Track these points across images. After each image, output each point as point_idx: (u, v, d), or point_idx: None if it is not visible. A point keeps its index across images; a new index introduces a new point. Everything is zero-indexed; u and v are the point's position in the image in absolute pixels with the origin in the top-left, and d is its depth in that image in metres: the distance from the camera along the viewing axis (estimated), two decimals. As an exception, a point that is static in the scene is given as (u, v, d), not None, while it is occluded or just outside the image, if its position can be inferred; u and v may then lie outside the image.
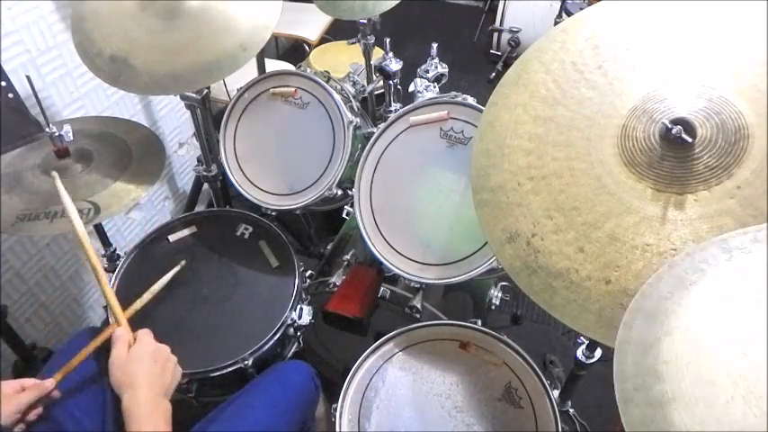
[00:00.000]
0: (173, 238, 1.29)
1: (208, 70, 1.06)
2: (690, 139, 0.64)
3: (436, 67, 1.29)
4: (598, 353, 1.09)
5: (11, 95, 0.95)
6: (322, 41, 2.40)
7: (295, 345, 1.22)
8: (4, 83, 0.94)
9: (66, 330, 1.62)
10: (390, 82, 1.43)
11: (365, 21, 1.57)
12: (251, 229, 1.31)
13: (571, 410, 1.31)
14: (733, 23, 0.69)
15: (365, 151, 1.17)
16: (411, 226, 1.13)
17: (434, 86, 1.28)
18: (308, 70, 1.29)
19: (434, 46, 1.31)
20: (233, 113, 1.33)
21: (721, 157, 0.64)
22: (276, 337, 1.11)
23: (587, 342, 1.09)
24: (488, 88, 1.74)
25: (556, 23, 2.25)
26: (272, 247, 1.26)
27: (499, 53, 2.97)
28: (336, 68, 1.64)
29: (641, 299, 0.57)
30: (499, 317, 1.78)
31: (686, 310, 0.52)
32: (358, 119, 1.28)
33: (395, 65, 1.40)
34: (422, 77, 1.29)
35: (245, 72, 1.22)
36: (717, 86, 0.66)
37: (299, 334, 1.20)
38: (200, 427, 0.96)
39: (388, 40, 1.38)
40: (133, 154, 1.16)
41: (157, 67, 1.06)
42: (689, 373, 0.48)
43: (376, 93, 1.69)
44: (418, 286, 1.15)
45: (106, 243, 1.30)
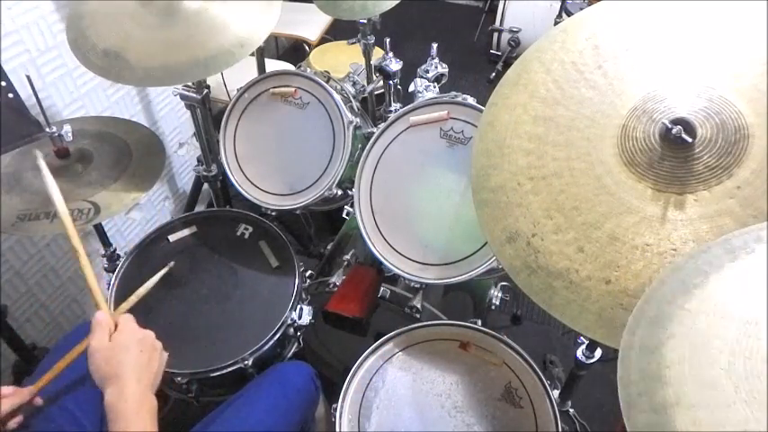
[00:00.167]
0: (173, 238, 1.29)
1: (203, 64, 1.06)
2: (690, 139, 0.64)
3: (436, 67, 1.29)
4: (598, 353, 1.09)
5: (11, 95, 0.95)
6: (322, 41, 2.40)
7: (295, 345, 1.22)
8: (4, 83, 0.94)
9: (66, 330, 1.61)
10: (390, 82, 1.43)
11: (365, 21, 1.57)
12: (251, 229, 1.31)
13: (571, 410, 1.31)
14: (733, 23, 0.69)
15: (365, 151, 1.17)
16: (411, 226, 1.13)
17: (434, 86, 1.28)
18: (308, 70, 1.29)
19: (434, 46, 1.31)
20: (233, 113, 1.33)
21: (721, 157, 0.64)
22: (276, 337, 1.11)
23: (587, 342, 1.09)
24: (488, 88, 1.74)
25: (556, 23, 2.25)
26: (272, 247, 1.26)
27: (499, 53, 2.97)
28: (336, 68, 1.64)
29: (644, 304, 0.56)
30: (499, 317, 1.78)
31: (689, 313, 0.52)
32: (358, 119, 1.28)
33: (395, 65, 1.40)
34: (422, 77, 1.29)
35: (245, 72, 1.22)
36: (717, 86, 0.66)
37: (299, 334, 1.20)
38: (200, 427, 0.96)
39: (388, 40, 1.38)
40: (133, 154, 1.16)
41: (152, 61, 1.05)
42: (691, 377, 0.48)
43: (376, 93, 1.69)
44: (418, 286, 1.15)
45: (106, 243, 1.30)
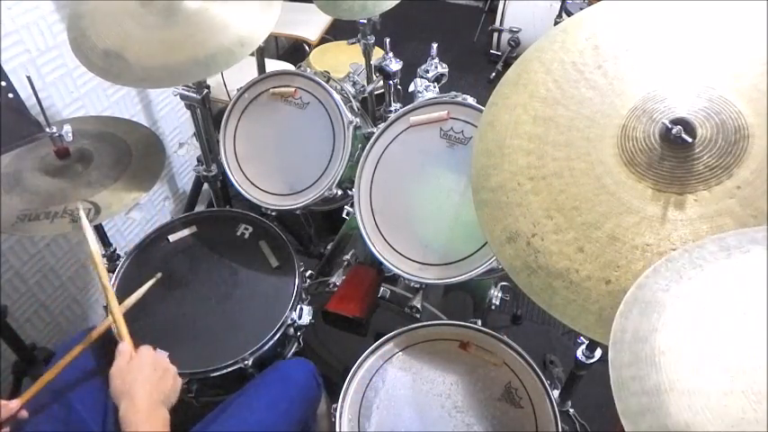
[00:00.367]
0: (173, 238, 1.29)
1: (204, 64, 1.06)
2: (690, 139, 0.64)
3: (436, 67, 1.29)
4: (598, 353, 1.09)
5: (11, 95, 0.95)
6: (322, 41, 2.40)
7: (295, 345, 1.22)
8: (4, 83, 0.94)
9: (66, 330, 1.62)
10: (390, 82, 1.43)
11: (365, 21, 1.57)
12: (251, 229, 1.31)
13: (571, 410, 1.31)
14: (733, 23, 0.69)
15: (365, 151, 1.17)
16: (411, 226, 1.13)
17: (434, 86, 1.28)
18: (308, 70, 1.29)
19: (434, 46, 1.31)
20: (233, 113, 1.33)
21: (721, 157, 0.64)
22: (276, 337, 1.11)
23: (587, 342, 1.09)
24: (488, 88, 1.74)
25: (556, 23, 2.25)
26: (272, 247, 1.26)
27: (499, 53, 2.97)
28: (336, 68, 1.64)
29: (638, 290, 0.57)
30: (499, 317, 1.78)
31: (684, 303, 0.52)
32: (358, 119, 1.28)
33: (395, 65, 1.40)
34: (422, 77, 1.29)
35: (245, 72, 1.22)
36: (717, 86, 0.66)
37: (299, 334, 1.20)
38: (200, 427, 0.96)
39: (388, 40, 1.38)
40: (133, 154, 1.16)
41: (152, 62, 1.05)
42: (687, 365, 0.48)
43: (376, 93, 1.69)
44: (418, 286, 1.15)
45: (106, 243, 1.30)
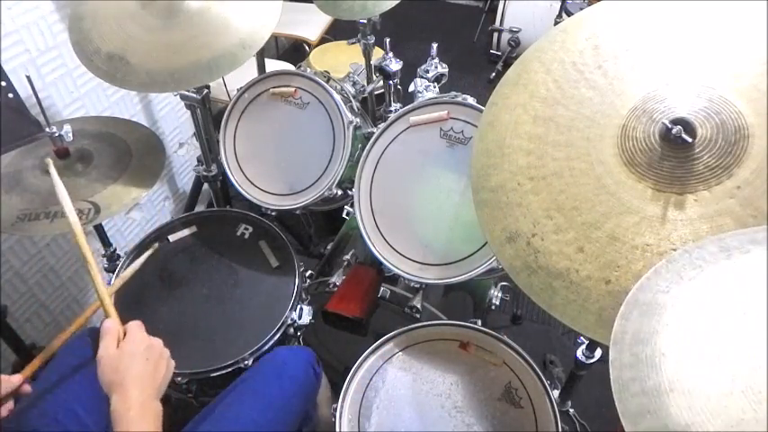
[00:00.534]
0: (173, 238, 1.29)
1: (207, 67, 1.06)
2: (690, 139, 0.64)
3: (436, 67, 1.29)
4: (598, 353, 1.09)
5: (11, 95, 0.95)
6: (322, 41, 2.40)
7: (295, 345, 1.22)
8: (4, 83, 0.94)
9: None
10: (390, 82, 1.43)
11: (365, 21, 1.57)
12: (251, 229, 1.31)
13: (571, 410, 1.31)
14: (733, 23, 0.69)
15: (365, 151, 1.17)
16: (411, 226, 1.13)
17: (434, 86, 1.28)
18: (308, 70, 1.29)
19: (434, 46, 1.31)
20: (233, 113, 1.33)
21: (721, 157, 0.64)
22: (276, 337, 1.11)
23: (587, 342, 1.09)
24: (488, 88, 1.74)
25: (556, 23, 2.25)
26: (272, 247, 1.26)
27: (499, 53, 2.97)
28: (336, 68, 1.64)
29: (638, 292, 0.57)
30: (499, 317, 1.78)
31: (685, 305, 0.52)
32: (358, 119, 1.28)
33: (395, 65, 1.40)
34: (422, 77, 1.29)
35: (245, 72, 1.22)
36: (717, 86, 0.66)
37: (299, 334, 1.20)
38: (191, 426, 0.94)
39: (388, 40, 1.38)
40: (133, 154, 1.16)
41: (156, 65, 1.06)
42: (687, 366, 0.48)
43: (376, 93, 1.69)
44: (418, 286, 1.15)
45: (106, 243, 1.30)
